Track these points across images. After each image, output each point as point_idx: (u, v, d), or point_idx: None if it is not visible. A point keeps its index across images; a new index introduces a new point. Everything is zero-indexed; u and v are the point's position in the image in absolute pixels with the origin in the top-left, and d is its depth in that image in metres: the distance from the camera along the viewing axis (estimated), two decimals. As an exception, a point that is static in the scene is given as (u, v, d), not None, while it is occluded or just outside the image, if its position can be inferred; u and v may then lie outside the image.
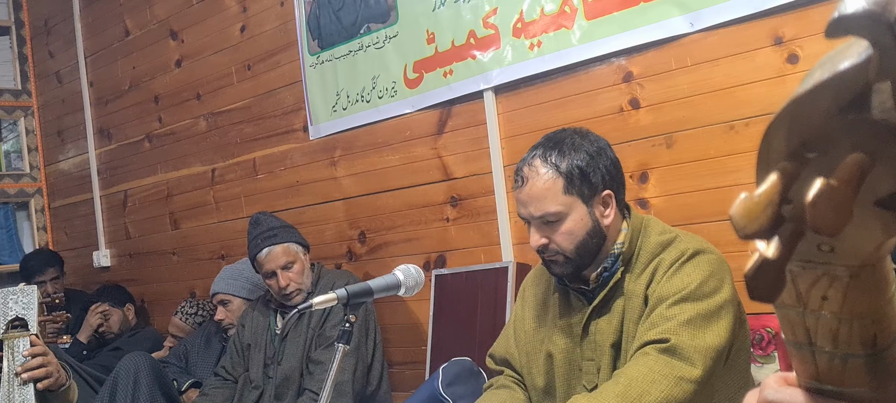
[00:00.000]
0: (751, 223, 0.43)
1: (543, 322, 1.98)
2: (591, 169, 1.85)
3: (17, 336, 2.17)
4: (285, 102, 3.65)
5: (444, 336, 2.99)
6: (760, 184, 0.44)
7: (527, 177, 1.86)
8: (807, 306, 0.50)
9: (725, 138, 2.40)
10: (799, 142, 0.43)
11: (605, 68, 2.66)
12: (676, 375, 1.67)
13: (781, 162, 0.44)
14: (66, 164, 5.01)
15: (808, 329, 0.51)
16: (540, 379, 1.96)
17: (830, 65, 0.42)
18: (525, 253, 2.87)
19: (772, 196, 0.43)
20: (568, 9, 2.68)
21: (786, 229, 0.44)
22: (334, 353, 1.67)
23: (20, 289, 2.25)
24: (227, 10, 3.88)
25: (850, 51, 0.42)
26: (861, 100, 0.41)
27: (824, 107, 0.42)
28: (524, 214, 1.89)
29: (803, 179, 0.43)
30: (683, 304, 1.74)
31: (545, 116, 2.80)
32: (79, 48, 4.79)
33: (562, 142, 1.88)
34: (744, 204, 0.44)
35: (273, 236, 3.04)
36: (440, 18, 3.03)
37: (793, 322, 0.52)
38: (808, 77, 0.43)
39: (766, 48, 2.32)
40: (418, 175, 3.20)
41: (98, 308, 4.08)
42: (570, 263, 1.87)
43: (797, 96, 0.42)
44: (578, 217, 1.84)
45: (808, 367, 0.52)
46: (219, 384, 3.19)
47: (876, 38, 0.40)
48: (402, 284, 1.83)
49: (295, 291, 3.01)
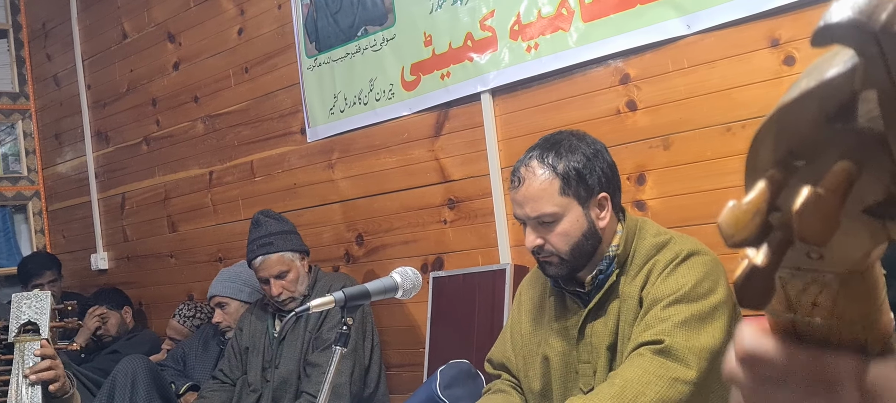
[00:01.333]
0: (739, 231, 0.44)
1: (539, 325, 1.99)
2: (588, 171, 1.86)
3: (28, 340, 2.20)
4: (283, 105, 3.65)
5: (441, 338, 2.99)
6: (748, 193, 0.45)
7: (523, 177, 1.87)
8: (797, 312, 0.50)
9: (722, 140, 2.40)
10: (786, 150, 0.43)
11: (602, 70, 2.66)
12: (671, 376, 1.67)
13: (769, 170, 0.44)
14: (64, 167, 5.01)
15: (799, 335, 0.51)
16: (536, 382, 1.96)
17: (817, 73, 0.42)
18: (523, 255, 2.87)
19: (759, 204, 0.43)
20: (565, 11, 2.68)
21: (774, 237, 0.44)
22: (331, 356, 1.68)
23: (34, 295, 2.29)
24: (225, 13, 3.88)
25: (835, 59, 0.42)
26: (848, 109, 0.41)
27: (811, 116, 0.42)
28: (520, 215, 1.90)
29: (791, 187, 0.43)
30: (678, 305, 1.75)
31: (542, 118, 2.80)
32: (76, 51, 4.79)
33: (559, 143, 1.89)
34: (732, 212, 0.44)
35: (269, 244, 3.02)
36: (437, 21, 3.03)
37: (784, 327, 0.52)
38: (795, 85, 0.43)
39: (763, 50, 2.32)
40: (416, 177, 3.20)
41: (96, 311, 4.08)
42: (564, 264, 1.87)
43: (783, 104, 0.43)
44: (574, 218, 1.85)
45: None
46: (216, 387, 3.19)
47: (861, 48, 0.40)
48: (399, 287, 1.83)
49: (288, 299, 3.02)
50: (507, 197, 2.92)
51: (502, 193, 2.93)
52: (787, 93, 0.43)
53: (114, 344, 4.03)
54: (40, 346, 2.19)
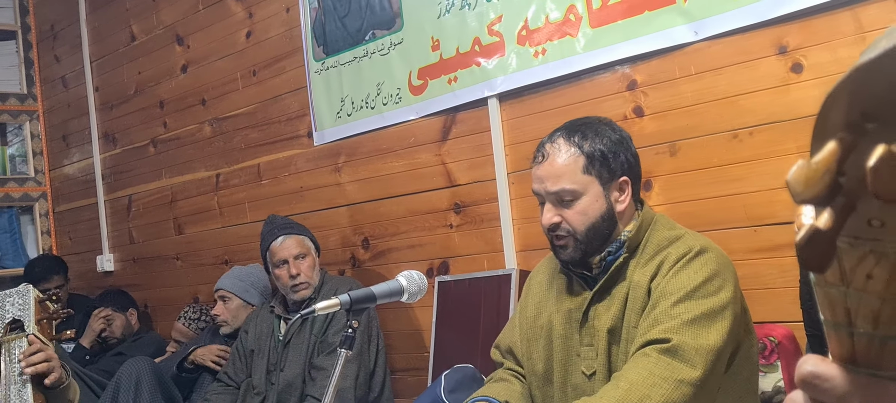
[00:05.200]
0: (809, 188, 0.44)
1: (545, 308, 1.98)
2: (613, 154, 1.86)
3: (13, 338, 2.12)
4: (290, 108, 3.66)
5: (446, 342, 2.99)
6: (817, 153, 0.45)
7: (548, 153, 1.86)
8: (850, 285, 0.50)
9: (729, 146, 2.40)
10: (859, 112, 0.43)
11: (609, 76, 2.66)
12: (676, 378, 1.67)
13: (839, 132, 0.44)
14: (71, 169, 5.02)
15: (849, 309, 0.51)
16: (539, 364, 1.96)
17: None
18: (528, 260, 2.86)
19: (830, 163, 0.44)
20: (573, 17, 2.68)
21: (838, 201, 0.44)
22: (337, 359, 1.68)
23: (16, 291, 2.20)
24: (233, 16, 3.89)
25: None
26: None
27: (889, 77, 0.42)
28: (539, 189, 1.88)
29: (860, 151, 0.43)
30: (687, 302, 1.74)
31: (549, 123, 2.79)
32: (85, 53, 4.81)
33: (586, 124, 1.89)
34: (802, 170, 0.44)
35: (289, 228, 3.12)
36: (445, 26, 3.03)
37: (833, 301, 0.52)
38: (873, 46, 0.43)
39: (771, 57, 2.32)
40: (422, 181, 3.20)
41: (101, 312, 4.08)
42: (578, 247, 1.85)
43: (861, 65, 0.42)
44: (593, 198, 1.84)
45: (844, 349, 0.52)
46: (220, 389, 3.19)
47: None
48: (405, 290, 1.82)
49: (303, 284, 3.03)
50: (514, 201, 2.92)
51: (508, 198, 2.93)
52: (866, 53, 0.43)
53: (118, 346, 4.03)
54: (28, 343, 2.09)
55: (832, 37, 2.21)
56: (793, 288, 2.20)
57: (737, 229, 2.39)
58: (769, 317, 2.31)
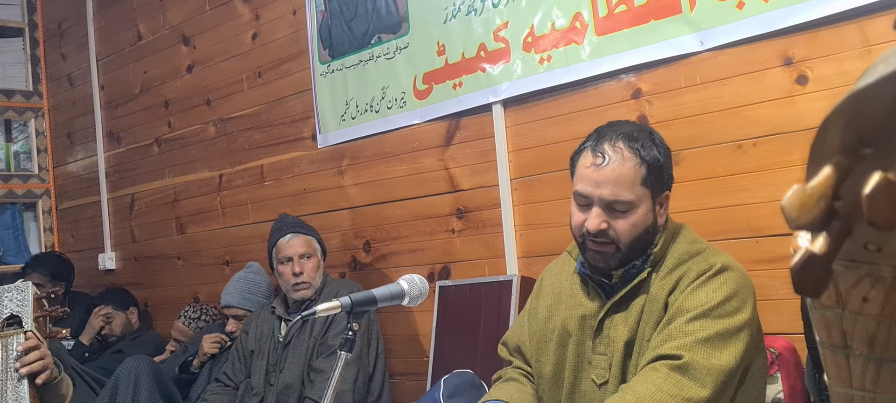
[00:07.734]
0: (803, 214, 0.43)
1: (557, 311, 1.95)
2: (665, 166, 1.82)
3: (11, 333, 2.13)
4: (294, 110, 3.66)
5: (446, 347, 2.98)
6: (813, 177, 0.44)
7: (611, 157, 1.77)
8: (846, 307, 0.49)
9: (733, 157, 2.40)
10: (856, 136, 0.43)
11: (614, 84, 2.66)
12: (685, 396, 1.64)
13: (836, 156, 0.44)
14: (75, 166, 5.03)
15: (845, 331, 0.50)
16: (548, 367, 1.93)
17: (895, 59, 0.41)
18: (530, 266, 2.86)
19: (825, 188, 0.43)
20: (578, 24, 2.69)
21: (834, 226, 0.44)
22: (336, 361, 1.67)
23: (15, 286, 2.21)
24: (240, 18, 3.90)
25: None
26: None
27: (886, 102, 0.41)
28: (591, 193, 1.79)
29: (856, 176, 0.43)
30: (703, 320, 1.70)
31: (553, 131, 2.80)
32: (91, 51, 4.82)
33: (642, 131, 1.82)
34: (797, 195, 0.44)
35: (299, 227, 3.16)
36: (451, 31, 3.03)
37: (830, 323, 0.51)
38: (870, 71, 0.42)
39: (776, 68, 2.32)
40: (425, 186, 3.20)
41: (101, 310, 4.08)
42: (618, 255, 1.80)
43: (858, 90, 0.42)
44: (645, 211, 1.80)
45: (841, 371, 0.51)
46: (219, 390, 3.19)
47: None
48: (406, 294, 1.82)
49: (305, 283, 3.04)
50: (516, 208, 2.92)
51: (511, 204, 2.93)
52: (863, 79, 0.42)
53: (118, 344, 4.03)
54: (25, 339, 2.10)
55: (838, 49, 2.21)
56: (794, 299, 2.19)
57: (739, 240, 2.39)
58: (770, 329, 2.30)
